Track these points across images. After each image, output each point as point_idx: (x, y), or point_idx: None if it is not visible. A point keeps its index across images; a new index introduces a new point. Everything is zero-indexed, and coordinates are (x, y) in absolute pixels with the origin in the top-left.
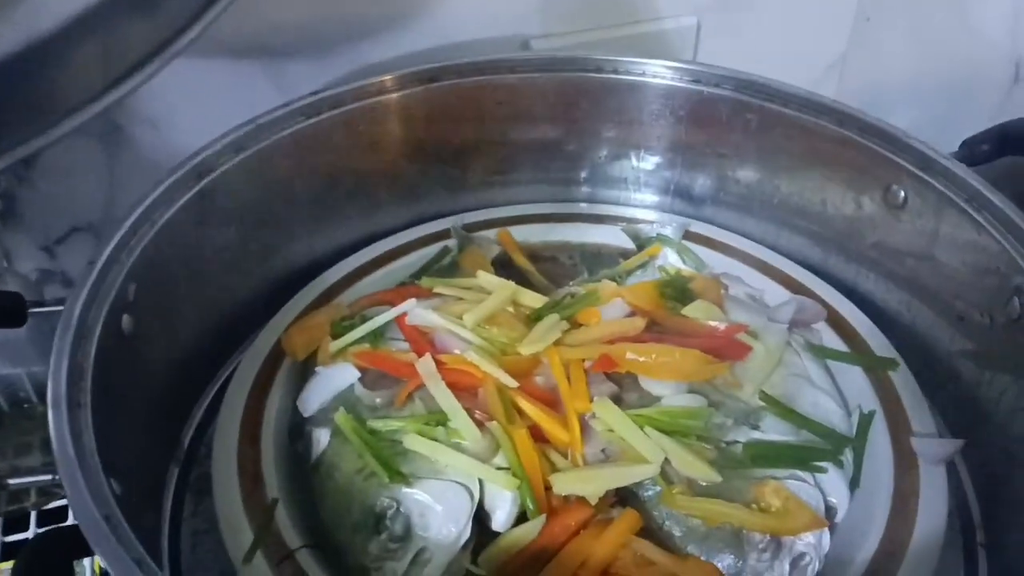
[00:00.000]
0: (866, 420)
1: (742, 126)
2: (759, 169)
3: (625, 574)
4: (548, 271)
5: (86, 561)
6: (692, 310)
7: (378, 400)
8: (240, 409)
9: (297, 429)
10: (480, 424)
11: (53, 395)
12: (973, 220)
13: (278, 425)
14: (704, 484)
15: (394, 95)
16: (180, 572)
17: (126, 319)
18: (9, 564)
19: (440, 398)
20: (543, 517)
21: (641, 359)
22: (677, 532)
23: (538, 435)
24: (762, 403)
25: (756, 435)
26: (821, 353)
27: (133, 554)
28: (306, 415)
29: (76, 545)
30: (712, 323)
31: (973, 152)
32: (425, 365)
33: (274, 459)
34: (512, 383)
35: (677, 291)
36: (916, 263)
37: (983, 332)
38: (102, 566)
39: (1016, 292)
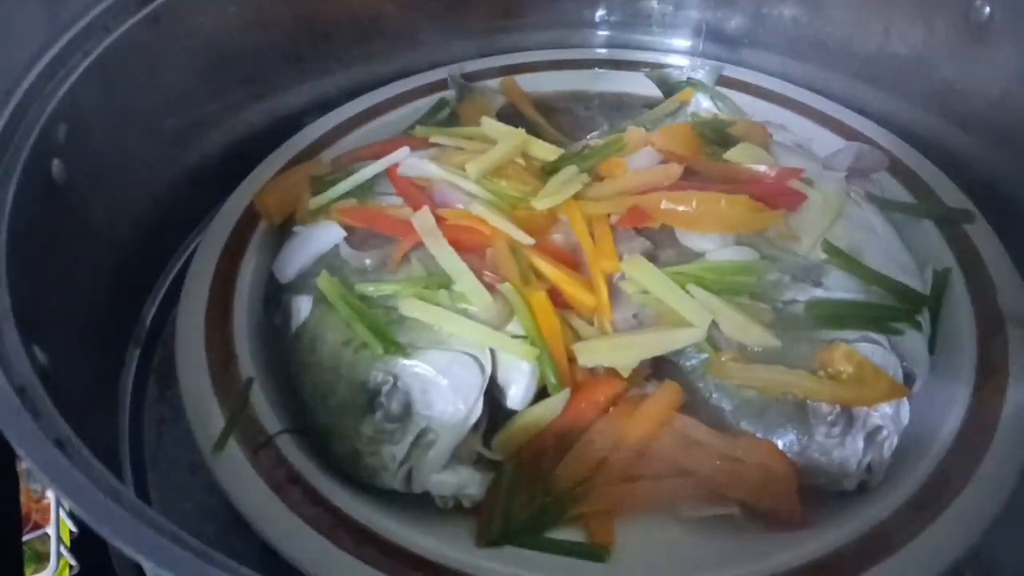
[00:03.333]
0: (942, 278)
1: None
2: None
3: (666, 456)
4: (561, 124)
5: None
6: (736, 154)
7: (368, 262)
8: (208, 278)
9: (274, 299)
10: (490, 288)
11: None
12: None
13: (252, 295)
14: (759, 351)
15: None
16: (143, 466)
17: (57, 164)
18: None
19: (442, 257)
20: (566, 392)
21: (679, 208)
22: (728, 406)
23: (558, 300)
24: (824, 257)
25: (819, 293)
26: (886, 205)
27: (54, 433)
28: (284, 282)
29: None
30: (760, 168)
31: None
32: (423, 219)
33: (248, 333)
34: (527, 239)
35: (717, 134)
36: (1000, 95)
37: None
38: None
39: None
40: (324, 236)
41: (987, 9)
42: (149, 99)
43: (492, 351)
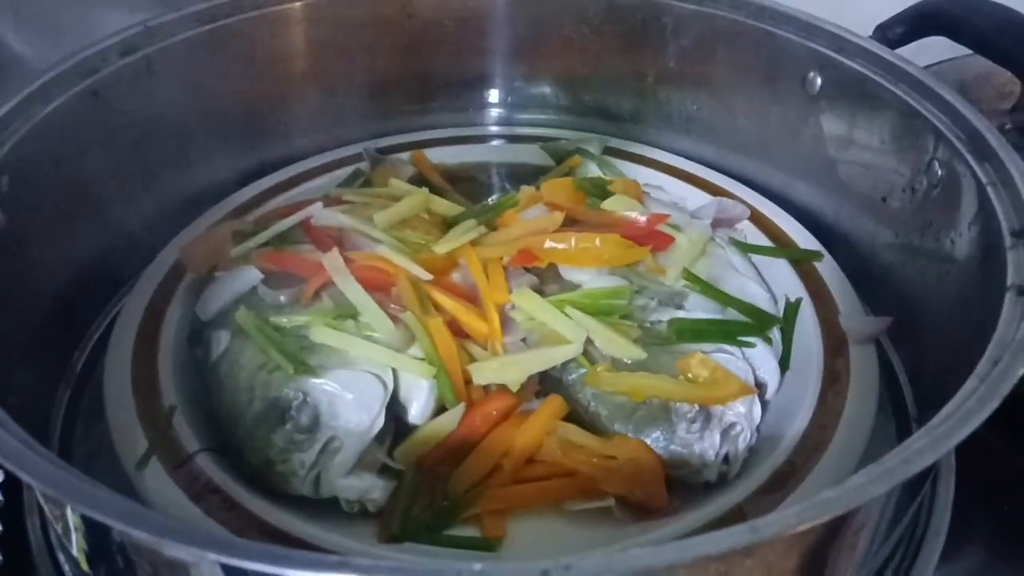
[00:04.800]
0: (793, 307)
1: (657, 32)
2: (678, 81)
3: (551, 460)
4: (466, 191)
5: None
6: (612, 203)
7: (282, 298)
8: (137, 321)
9: (196, 335)
10: (393, 318)
11: None
12: (890, 92)
13: (177, 336)
14: (629, 362)
15: (297, 4)
16: None
17: None
18: None
19: (348, 291)
20: (462, 406)
21: (560, 246)
22: (603, 412)
23: (457, 330)
24: (686, 286)
25: (681, 314)
26: (746, 248)
27: None
28: (205, 319)
29: None
30: (632, 215)
31: (887, 36)
32: (332, 259)
33: (172, 368)
34: (426, 275)
35: (596, 188)
36: (836, 152)
37: (906, 207)
38: None
39: (935, 157)
40: (243, 278)
41: (818, 80)
42: (84, 164)
43: (394, 371)
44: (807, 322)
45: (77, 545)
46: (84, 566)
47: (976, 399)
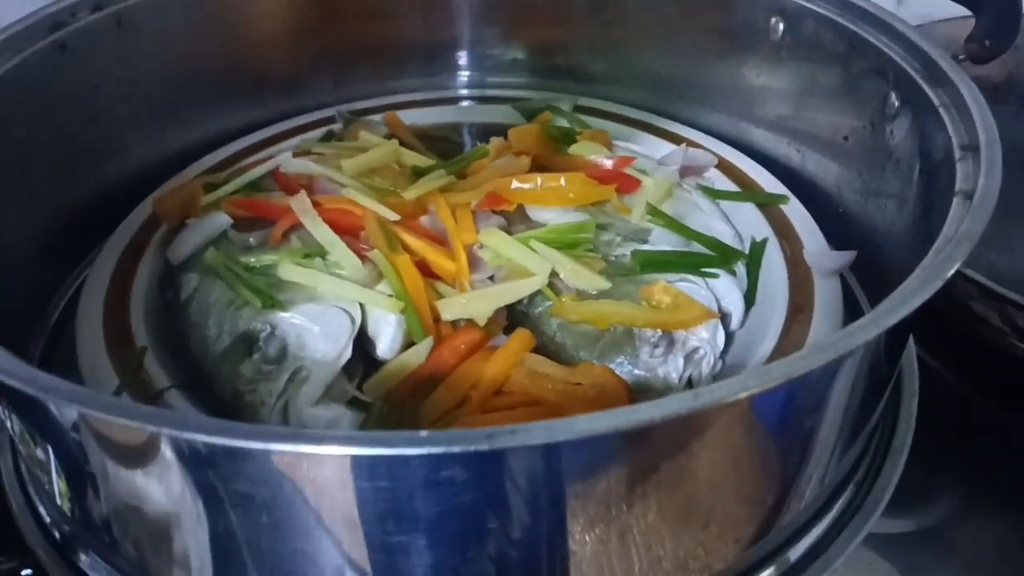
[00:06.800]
0: (759, 246)
1: None
2: (644, 38)
3: (519, 390)
4: (439, 149)
5: None
6: (578, 148)
7: (252, 240)
8: (109, 271)
9: (167, 278)
10: (361, 256)
11: None
12: (848, 30)
13: (150, 284)
14: (594, 293)
15: None
16: None
17: None
18: None
19: (316, 231)
20: (430, 340)
21: (526, 187)
22: (569, 341)
23: (426, 271)
24: (651, 220)
25: (645, 248)
26: (713, 194)
27: None
28: (175, 263)
29: None
30: (599, 158)
31: None
32: (300, 202)
33: (143, 313)
34: (393, 216)
35: (563, 134)
36: (800, 96)
37: (867, 143)
38: None
39: (890, 87)
40: (213, 223)
41: (781, 25)
42: (55, 120)
43: (363, 308)
44: (773, 259)
45: (56, 472)
46: (59, 500)
47: (919, 281)
